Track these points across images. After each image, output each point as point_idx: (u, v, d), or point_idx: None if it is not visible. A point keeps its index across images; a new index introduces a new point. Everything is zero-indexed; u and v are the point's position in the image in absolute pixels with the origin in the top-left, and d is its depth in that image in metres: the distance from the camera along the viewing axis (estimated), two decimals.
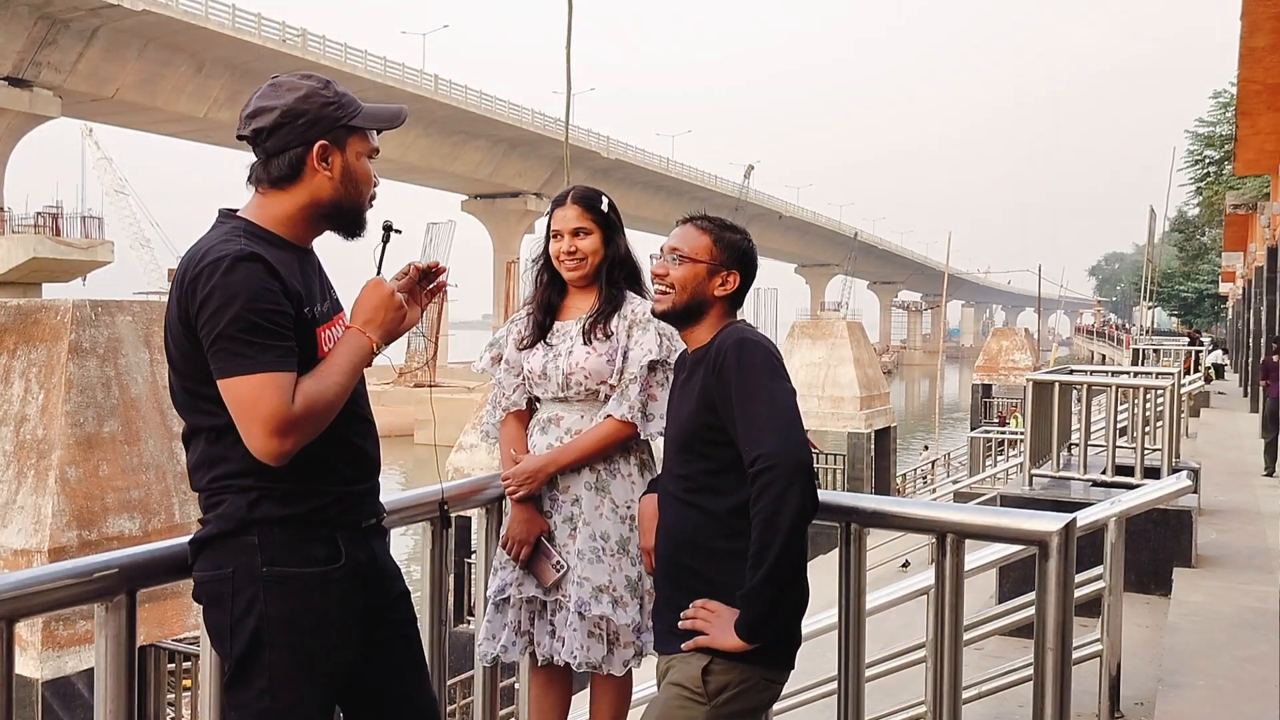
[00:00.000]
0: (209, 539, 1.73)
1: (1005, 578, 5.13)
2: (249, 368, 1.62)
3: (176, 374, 1.76)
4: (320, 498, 1.75)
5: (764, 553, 1.85)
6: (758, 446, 1.87)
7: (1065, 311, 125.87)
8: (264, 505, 1.70)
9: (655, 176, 65.75)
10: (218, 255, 1.66)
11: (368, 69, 43.98)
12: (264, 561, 1.70)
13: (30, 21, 33.40)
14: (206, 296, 1.63)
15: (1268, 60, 8.68)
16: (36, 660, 5.09)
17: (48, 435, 5.39)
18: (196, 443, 1.76)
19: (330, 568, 1.74)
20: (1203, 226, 41.47)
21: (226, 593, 1.71)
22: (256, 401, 1.62)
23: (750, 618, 1.89)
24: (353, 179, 1.81)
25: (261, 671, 1.71)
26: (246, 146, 1.82)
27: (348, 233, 1.85)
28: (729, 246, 2.11)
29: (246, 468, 1.69)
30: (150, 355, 5.84)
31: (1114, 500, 3.89)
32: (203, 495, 1.77)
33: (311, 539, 1.74)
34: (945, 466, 21.89)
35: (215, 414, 1.70)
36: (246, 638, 1.70)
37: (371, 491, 1.88)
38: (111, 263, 36.39)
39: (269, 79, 1.82)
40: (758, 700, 1.98)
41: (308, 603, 1.72)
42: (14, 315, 5.76)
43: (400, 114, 1.88)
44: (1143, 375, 8.51)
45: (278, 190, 1.78)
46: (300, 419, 1.65)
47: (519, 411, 2.55)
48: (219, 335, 1.63)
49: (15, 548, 5.22)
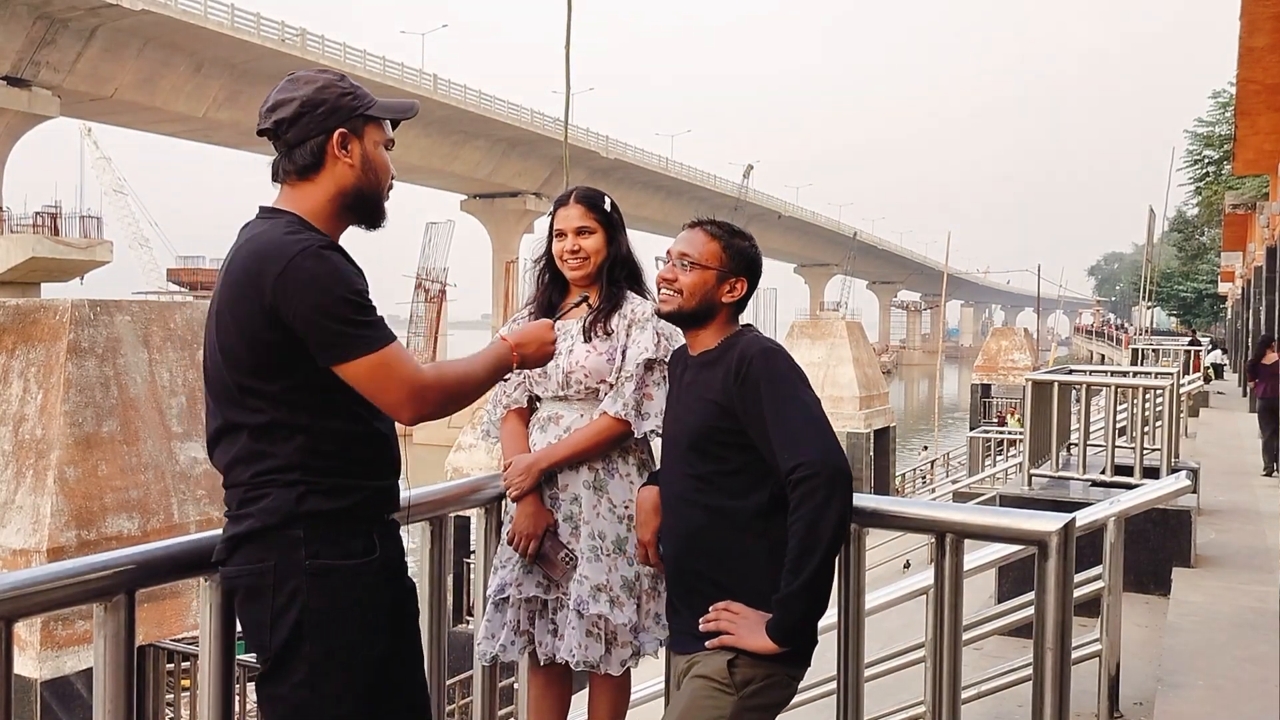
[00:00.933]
0: (250, 534, 1.75)
1: (1005, 578, 5.14)
2: (373, 345, 1.70)
3: (232, 368, 1.75)
4: (360, 493, 1.79)
5: (804, 559, 1.87)
6: (797, 455, 1.90)
7: (1064, 311, 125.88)
8: (311, 499, 1.74)
9: (654, 176, 65.76)
10: (301, 246, 1.70)
11: (367, 69, 43.99)
12: (308, 555, 1.73)
13: (29, 21, 33.38)
14: (303, 287, 1.67)
15: (1267, 60, 8.68)
16: (35, 660, 5.09)
17: (46, 435, 5.39)
18: (235, 438, 1.77)
19: (368, 560, 1.78)
20: (1202, 226, 41.48)
21: (267, 585, 1.74)
22: (392, 372, 1.71)
23: (785, 623, 1.91)
24: (372, 167, 1.86)
25: (301, 664, 1.73)
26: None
27: (370, 223, 1.91)
28: (738, 253, 2.14)
29: (292, 463, 1.73)
30: (149, 355, 5.83)
31: (1113, 500, 3.89)
32: (241, 489, 1.78)
33: (351, 533, 1.78)
34: (944, 466, 21.92)
35: (261, 410, 1.73)
36: (287, 630, 1.73)
37: (397, 488, 1.94)
38: (110, 262, 36.37)
39: (286, 76, 1.86)
40: (780, 696, 2.01)
41: (347, 595, 1.76)
42: (13, 315, 5.75)
43: (413, 106, 1.95)
44: (1142, 375, 8.52)
45: (305, 181, 1.82)
46: (431, 386, 1.75)
47: (520, 409, 2.55)
48: (332, 322, 1.67)
49: (14, 548, 5.21)
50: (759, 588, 1.98)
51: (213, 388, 1.81)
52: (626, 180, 62.32)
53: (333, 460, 1.75)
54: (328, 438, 1.76)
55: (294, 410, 1.74)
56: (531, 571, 2.41)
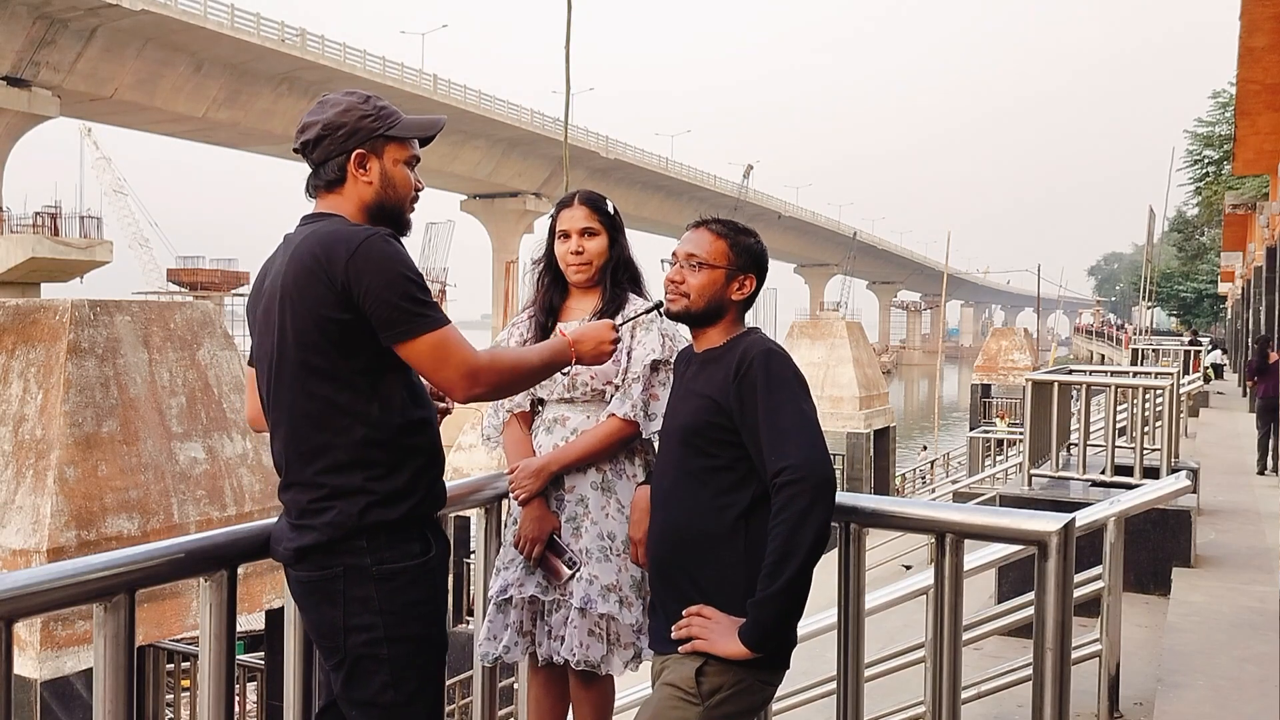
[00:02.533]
0: (315, 546, 1.83)
1: (1004, 578, 5.14)
2: (433, 325, 1.80)
3: (299, 346, 1.81)
4: (416, 495, 1.88)
5: (782, 565, 1.86)
6: (784, 459, 1.89)
7: (1064, 311, 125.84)
8: (373, 511, 1.82)
9: (654, 176, 65.72)
10: (370, 233, 1.82)
11: (367, 69, 43.95)
12: (373, 561, 1.82)
13: (29, 21, 33.37)
14: (375, 268, 1.77)
15: (1266, 60, 8.68)
16: (35, 660, 5.08)
17: (46, 435, 5.38)
18: (296, 427, 1.85)
19: (428, 558, 1.89)
20: (1202, 226, 41.48)
21: (338, 591, 1.83)
22: (449, 349, 1.81)
23: (759, 628, 1.89)
24: (391, 183, 1.95)
25: (380, 666, 1.83)
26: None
27: (394, 232, 1.97)
28: (745, 250, 2.13)
29: (353, 458, 1.81)
30: (149, 355, 5.83)
31: (1113, 500, 3.89)
32: (304, 494, 1.85)
33: (409, 536, 1.87)
34: (944, 466, 21.93)
35: (324, 395, 1.81)
36: (363, 635, 1.82)
37: (444, 484, 2.01)
38: (110, 262, 36.33)
39: (318, 98, 1.97)
40: (751, 702, 1.98)
41: (415, 594, 1.86)
42: (12, 315, 5.75)
43: (438, 123, 2.03)
44: (1142, 375, 8.51)
45: (333, 194, 1.94)
46: (487, 366, 1.85)
47: (523, 413, 2.55)
48: (400, 300, 1.78)
49: (14, 548, 5.21)
50: (735, 588, 1.97)
51: (272, 377, 1.87)
52: (626, 180, 62.31)
53: (389, 451, 1.83)
54: (384, 427, 1.84)
55: (355, 394, 1.82)
56: (534, 573, 2.41)
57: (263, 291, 1.92)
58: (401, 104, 2.11)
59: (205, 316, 6.03)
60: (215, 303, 26.64)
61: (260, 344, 1.92)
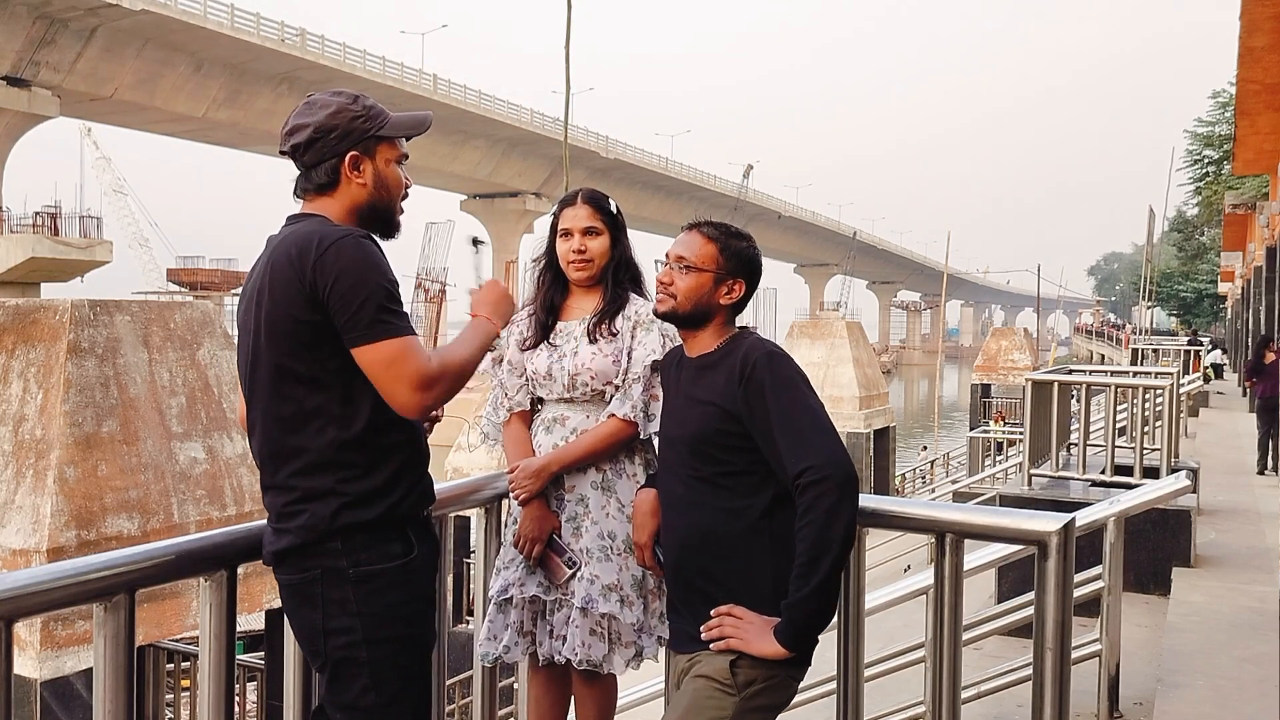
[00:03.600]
0: (290, 549, 1.81)
1: (1004, 578, 5.13)
2: (393, 332, 1.77)
3: (271, 348, 1.80)
4: (394, 495, 1.85)
5: (815, 564, 1.87)
6: (805, 459, 1.90)
7: (1064, 311, 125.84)
8: (346, 513, 1.80)
9: (654, 176, 65.73)
10: (343, 233, 1.79)
11: (366, 69, 43.95)
12: (349, 564, 1.80)
13: (29, 21, 33.37)
14: (342, 268, 1.75)
15: (1266, 60, 8.68)
16: (35, 660, 5.08)
17: (46, 435, 5.38)
18: (270, 429, 1.83)
19: (409, 559, 1.86)
20: (1202, 226, 41.47)
21: (317, 594, 1.81)
22: (404, 360, 1.76)
23: (796, 627, 1.91)
24: (384, 184, 1.95)
25: (360, 669, 1.81)
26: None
27: (384, 233, 1.98)
28: (735, 255, 2.12)
29: (324, 460, 1.79)
30: (149, 355, 5.83)
31: (1113, 500, 3.89)
32: (279, 497, 1.84)
33: (389, 536, 1.84)
34: (944, 466, 21.93)
35: (295, 397, 1.79)
36: (342, 638, 1.80)
37: (430, 481, 1.99)
38: (110, 262, 36.33)
39: (304, 99, 1.95)
40: (780, 697, 2.01)
41: (395, 595, 1.83)
42: (12, 315, 5.75)
43: (425, 120, 2.02)
44: (1142, 375, 8.51)
45: (323, 197, 1.92)
46: (438, 376, 1.79)
47: (522, 412, 2.54)
48: (363, 303, 1.75)
49: (14, 548, 5.21)
50: (762, 588, 1.98)
51: (248, 377, 1.87)
52: (626, 180, 62.29)
53: (365, 452, 1.81)
54: (357, 426, 1.81)
55: (328, 395, 1.80)
56: (534, 572, 2.41)
57: (245, 293, 1.91)
58: (402, 104, 2.12)
59: (205, 316, 6.03)
60: (215, 303, 26.63)
61: (239, 346, 1.92)
